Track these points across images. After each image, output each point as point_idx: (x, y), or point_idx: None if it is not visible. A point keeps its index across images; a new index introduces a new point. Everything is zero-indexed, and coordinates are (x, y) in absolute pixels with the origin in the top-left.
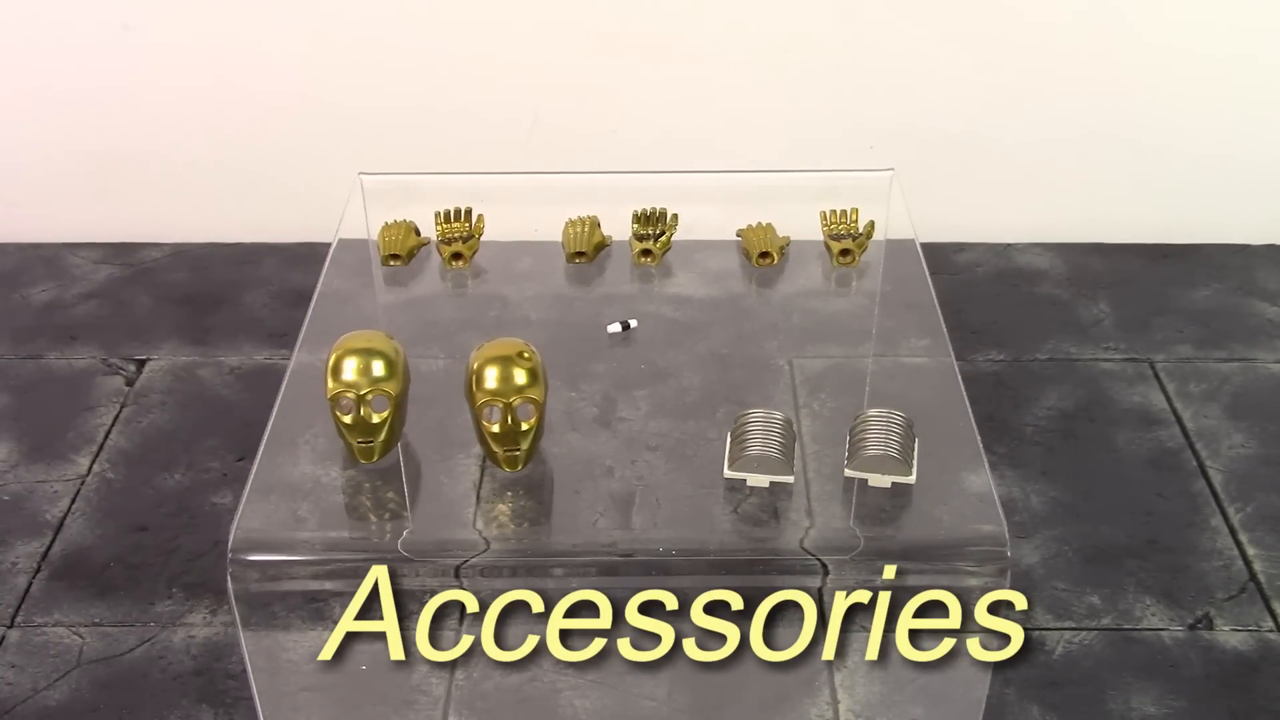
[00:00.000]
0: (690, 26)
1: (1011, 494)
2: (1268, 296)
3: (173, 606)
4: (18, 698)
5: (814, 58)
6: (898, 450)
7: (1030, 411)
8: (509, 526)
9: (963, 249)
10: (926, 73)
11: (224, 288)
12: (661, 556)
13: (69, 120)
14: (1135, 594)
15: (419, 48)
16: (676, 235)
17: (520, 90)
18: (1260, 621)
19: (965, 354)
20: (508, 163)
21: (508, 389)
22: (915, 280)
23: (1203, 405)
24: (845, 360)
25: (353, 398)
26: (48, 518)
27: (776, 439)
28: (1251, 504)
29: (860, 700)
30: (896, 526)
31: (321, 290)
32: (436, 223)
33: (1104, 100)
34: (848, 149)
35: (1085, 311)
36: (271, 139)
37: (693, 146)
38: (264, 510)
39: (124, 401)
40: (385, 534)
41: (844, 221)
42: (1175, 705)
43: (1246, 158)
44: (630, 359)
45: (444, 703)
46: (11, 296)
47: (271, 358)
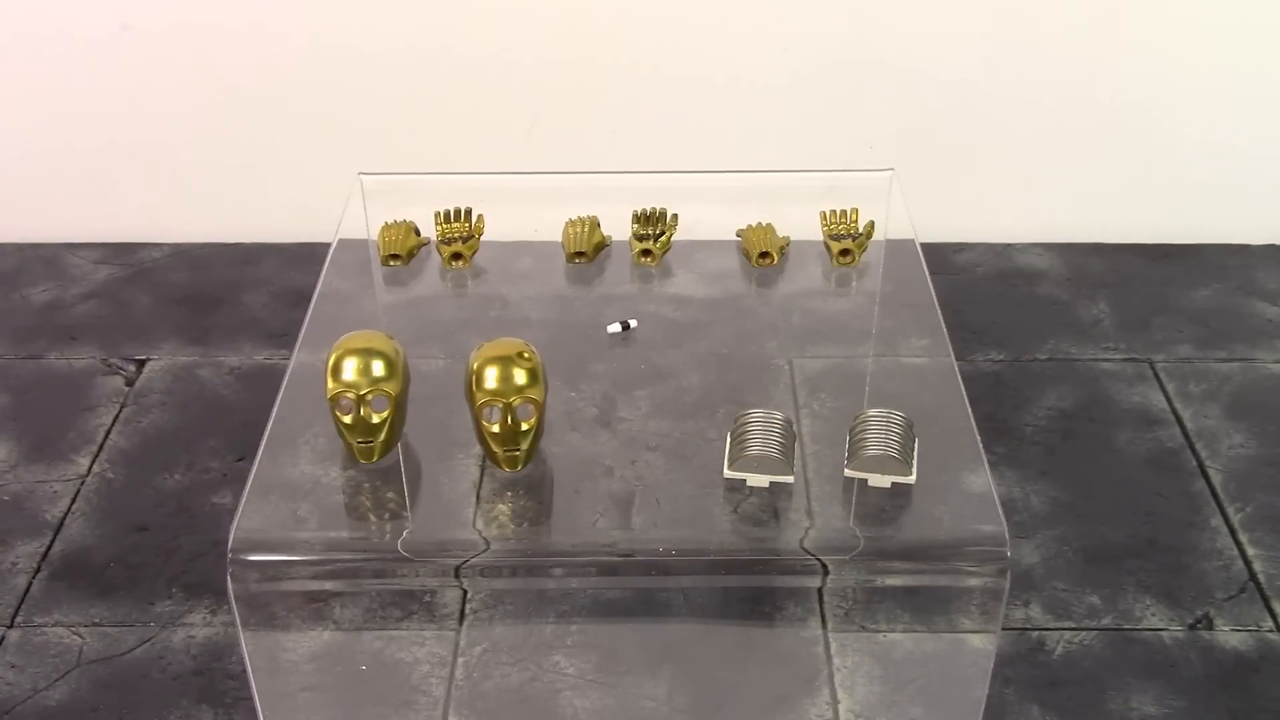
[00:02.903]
0: (690, 26)
1: (1011, 494)
2: (1268, 296)
3: (173, 606)
4: (18, 698)
5: (814, 58)
6: (898, 450)
7: (1030, 411)
8: (509, 526)
9: (963, 249)
10: (926, 73)
11: (224, 288)
12: (661, 556)
13: (69, 120)
14: (1135, 594)
15: (419, 48)
16: (676, 235)
17: (520, 90)
18: (1260, 621)
19: (965, 354)
20: (508, 163)
21: (508, 389)
22: (915, 280)
23: (1203, 405)
24: (845, 360)
25: (353, 398)
26: (48, 518)
27: (776, 439)
28: (1251, 504)
29: (860, 700)
30: (896, 526)
31: (321, 290)
32: (436, 223)
33: (1104, 100)
34: (848, 149)
35: (1085, 311)
36: (271, 139)
37: (693, 146)
38: (264, 510)
39: (124, 401)
40: (385, 534)
41: (844, 221)
42: (1175, 705)
43: (1246, 158)
44: (630, 359)
45: (444, 703)
46: (11, 296)
47: (271, 358)
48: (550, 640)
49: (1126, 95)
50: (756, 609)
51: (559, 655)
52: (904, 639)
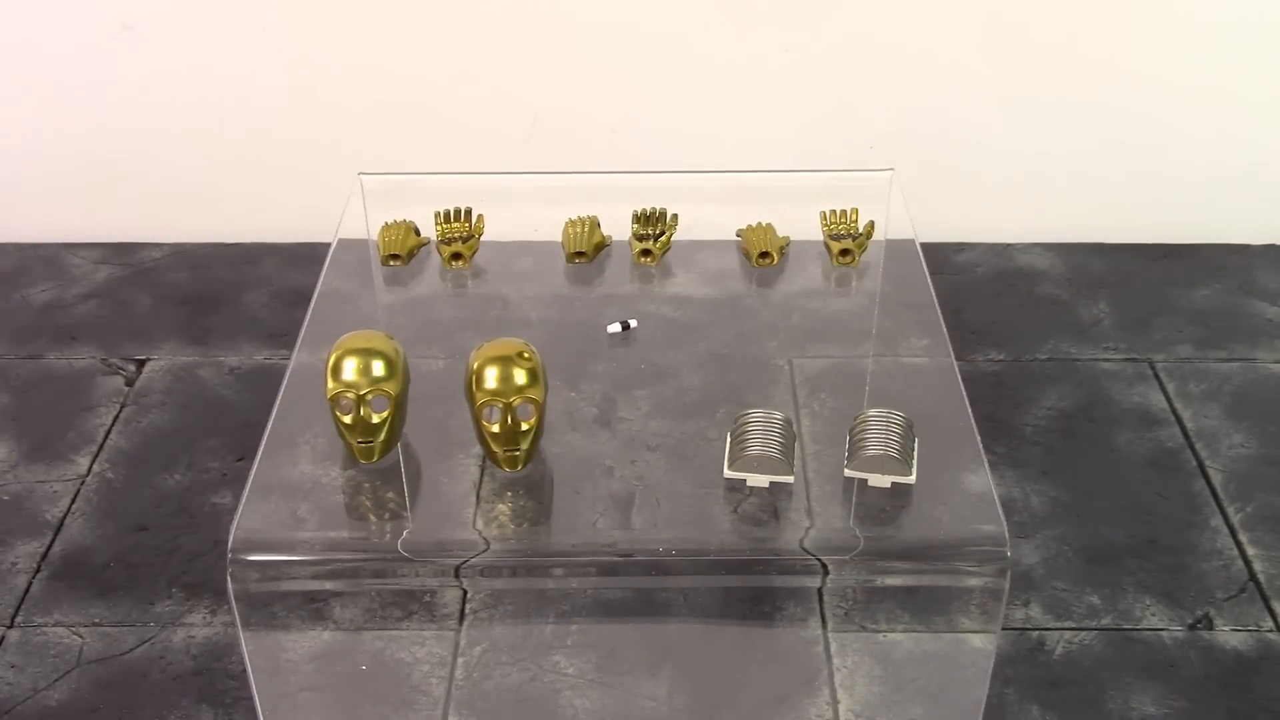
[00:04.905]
0: (690, 26)
1: (1011, 494)
2: (1268, 296)
3: (173, 606)
4: (18, 698)
5: (814, 58)
6: (898, 450)
7: (1030, 411)
8: (509, 526)
9: (963, 249)
10: (926, 73)
11: (224, 288)
12: (661, 556)
13: (69, 120)
14: (1135, 594)
15: (419, 48)
16: (676, 235)
17: (520, 90)
18: (1260, 621)
19: (965, 354)
20: (508, 163)
21: (508, 389)
22: (915, 280)
23: (1203, 405)
24: (845, 360)
25: (353, 398)
26: (48, 518)
27: (776, 439)
28: (1251, 504)
29: (860, 700)
30: (896, 526)
31: (321, 290)
32: (436, 223)
33: (1104, 100)
34: (848, 149)
35: (1085, 311)
36: (271, 139)
37: (693, 146)
38: (264, 510)
39: (124, 401)
40: (385, 534)
41: (844, 221)
42: (1175, 705)
43: (1246, 158)
44: (630, 359)
45: (444, 703)
46: (11, 296)
47: (271, 358)
48: (550, 640)
49: (1126, 95)
50: (756, 609)
51: (559, 655)
52: (904, 639)
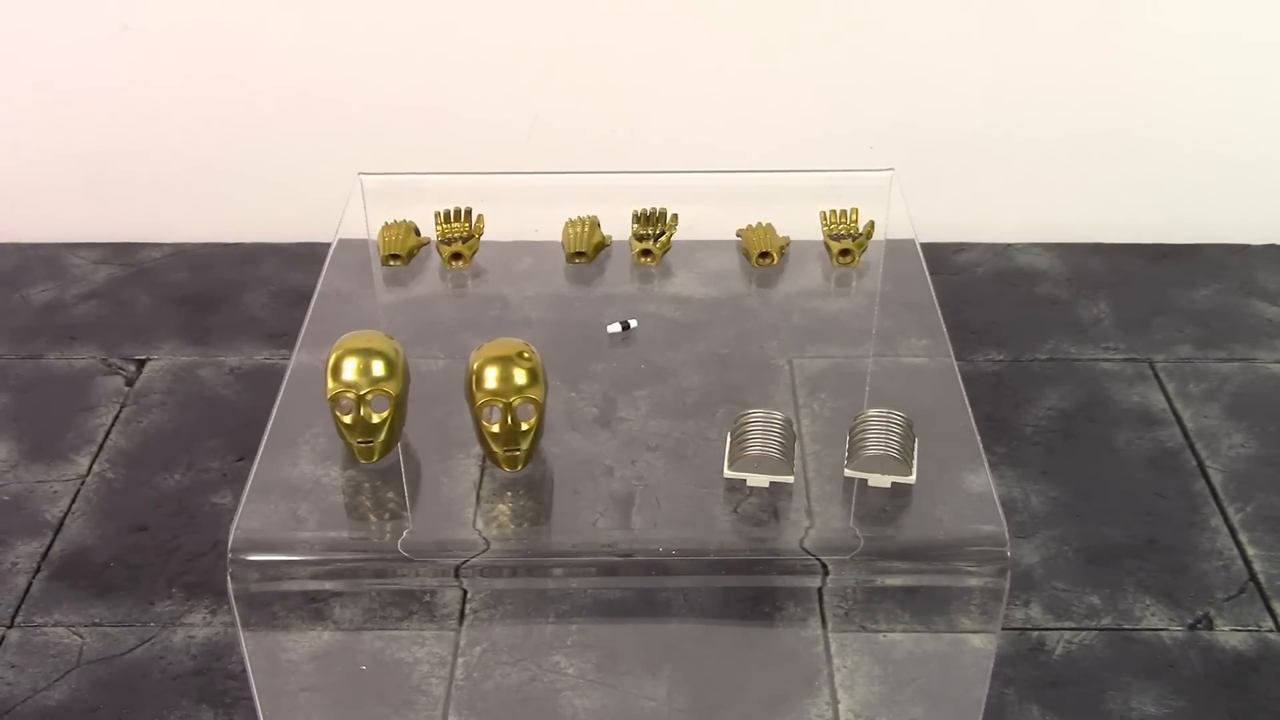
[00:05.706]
0: (690, 26)
1: (1011, 494)
2: (1268, 296)
3: (173, 606)
4: (18, 698)
5: (813, 58)
6: (898, 450)
7: (1030, 411)
8: (509, 526)
9: (963, 249)
10: (926, 73)
11: (224, 288)
12: (661, 556)
13: (69, 120)
14: (1135, 594)
15: (419, 47)
16: (676, 235)
17: (520, 90)
18: (1260, 621)
19: (965, 354)
20: (508, 163)
21: (508, 389)
22: (915, 280)
23: (1203, 405)
24: (845, 360)
25: (353, 398)
26: (48, 518)
27: (776, 439)
28: (1251, 504)
29: (860, 700)
30: (896, 526)
31: (321, 290)
32: (436, 223)
33: (1104, 100)
34: (848, 149)
35: (1085, 311)
36: (271, 139)
37: (693, 146)
38: (264, 510)
39: (124, 401)
40: (385, 534)
41: (844, 221)
42: (1175, 705)
43: (1246, 158)
44: (630, 359)
45: (444, 703)
46: (11, 296)
47: (271, 358)
48: (550, 640)
49: (1126, 96)
50: (756, 609)
51: (559, 655)
52: (904, 639)
